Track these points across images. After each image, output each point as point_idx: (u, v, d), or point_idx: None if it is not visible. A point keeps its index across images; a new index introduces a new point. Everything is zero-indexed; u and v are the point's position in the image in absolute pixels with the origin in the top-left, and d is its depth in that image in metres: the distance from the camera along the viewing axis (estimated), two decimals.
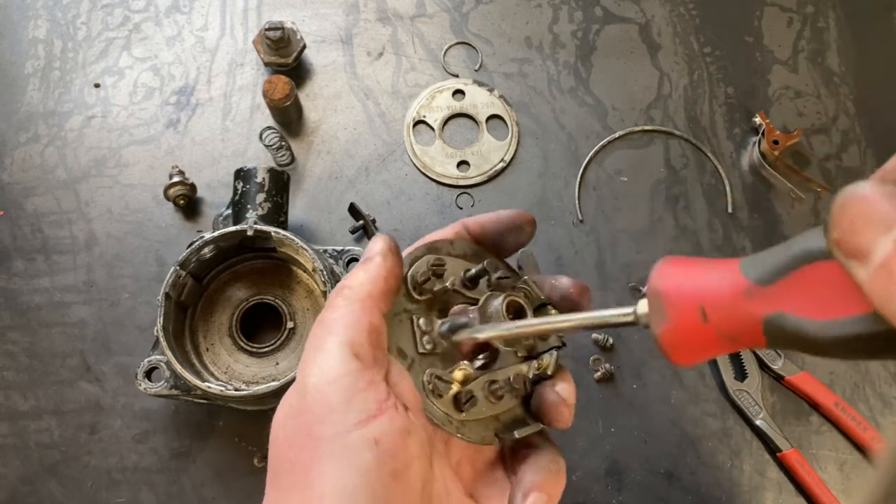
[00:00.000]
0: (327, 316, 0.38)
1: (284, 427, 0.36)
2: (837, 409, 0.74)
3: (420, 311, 0.43)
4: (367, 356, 0.36)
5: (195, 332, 0.73)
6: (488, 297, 0.42)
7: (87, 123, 0.84)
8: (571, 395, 0.43)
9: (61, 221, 0.80)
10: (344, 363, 0.35)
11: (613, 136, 0.85)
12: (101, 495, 0.71)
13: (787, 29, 0.91)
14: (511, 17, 0.90)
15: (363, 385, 0.35)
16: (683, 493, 0.73)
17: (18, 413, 0.73)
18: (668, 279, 0.32)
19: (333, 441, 0.33)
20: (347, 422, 0.34)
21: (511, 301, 0.41)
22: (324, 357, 0.36)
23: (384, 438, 0.34)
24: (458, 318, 0.42)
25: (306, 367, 0.36)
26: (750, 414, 0.74)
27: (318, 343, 0.37)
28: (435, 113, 0.85)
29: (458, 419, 0.40)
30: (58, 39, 0.87)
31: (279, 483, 0.35)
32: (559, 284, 0.45)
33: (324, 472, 0.33)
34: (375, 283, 0.38)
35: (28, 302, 0.77)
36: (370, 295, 0.38)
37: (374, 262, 0.39)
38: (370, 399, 0.35)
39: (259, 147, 0.82)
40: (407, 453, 0.35)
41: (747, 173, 0.84)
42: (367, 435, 0.34)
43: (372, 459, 0.33)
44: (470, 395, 0.41)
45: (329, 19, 0.90)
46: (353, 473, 0.33)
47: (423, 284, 0.42)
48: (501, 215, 0.46)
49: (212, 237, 0.69)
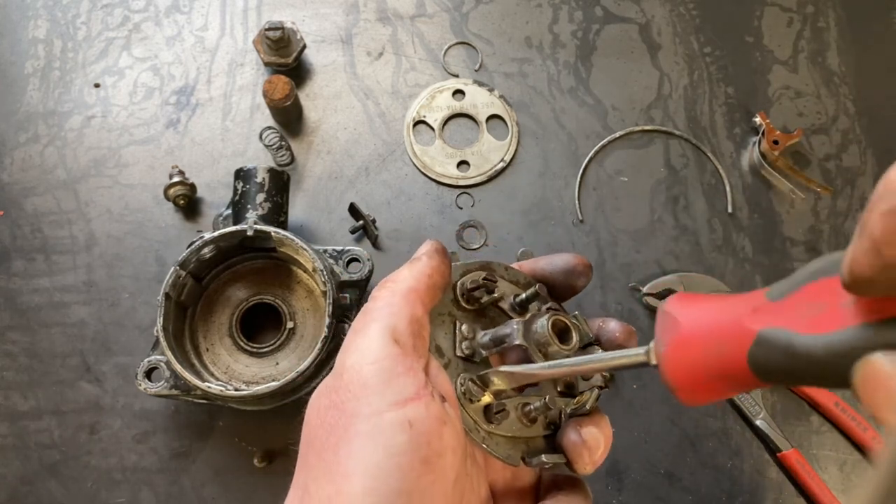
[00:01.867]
0: (370, 306, 0.38)
1: (318, 405, 0.35)
2: (837, 409, 0.74)
3: (465, 319, 0.43)
4: (407, 343, 0.36)
5: (195, 332, 0.73)
6: (535, 314, 0.41)
7: (86, 123, 0.84)
8: (597, 441, 0.41)
9: (61, 221, 0.80)
10: (384, 347, 0.35)
11: (613, 136, 0.85)
12: (101, 495, 0.71)
13: (787, 29, 0.91)
14: (511, 17, 0.90)
15: (402, 370, 0.35)
16: (683, 493, 0.73)
17: (18, 413, 0.73)
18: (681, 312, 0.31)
19: (367, 419, 0.33)
20: (383, 402, 0.33)
21: (557, 320, 0.40)
22: (363, 340, 0.36)
23: (419, 423, 0.33)
24: (501, 329, 0.41)
25: (346, 349, 0.36)
26: (750, 414, 0.74)
27: (359, 328, 0.37)
28: (435, 113, 0.85)
29: (486, 429, 0.40)
30: (58, 39, 0.87)
31: (307, 461, 0.34)
32: (606, 327, 0.44)
33: (352, 450, 0.32)
34: (419, 278, 0.39)
35: (28, 302, 0.77)
36: (413, 289, 0.38)
37: (420, 260, 0.40)
38: (408, 383, 0.34)
39: (259, 147, 0.82)
40: (441, 442, 0.34)
41: (747, 173, 0.84)
42: (401, 417, 0.33)
43: (405, 442, 0.32)
44: (502, 407, 0.40)
45: (329, 19, 0.90)
46: (383, 454, 0.32)
47: (471, 292, 0.42)
48: (555, 259, 0.46)
49: (212, 237, 0.69)
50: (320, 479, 0.33)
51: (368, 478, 0.31)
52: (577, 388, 0.45)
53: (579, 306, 0.78)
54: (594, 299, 0.79)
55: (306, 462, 0.35)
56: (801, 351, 0.24)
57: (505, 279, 0.45)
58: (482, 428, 0.40)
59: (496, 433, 0.40)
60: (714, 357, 0.29)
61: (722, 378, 0.29)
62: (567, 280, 0.45)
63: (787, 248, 0.82)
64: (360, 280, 0.71)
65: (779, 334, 0.26)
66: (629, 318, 0.78)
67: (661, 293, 0.78)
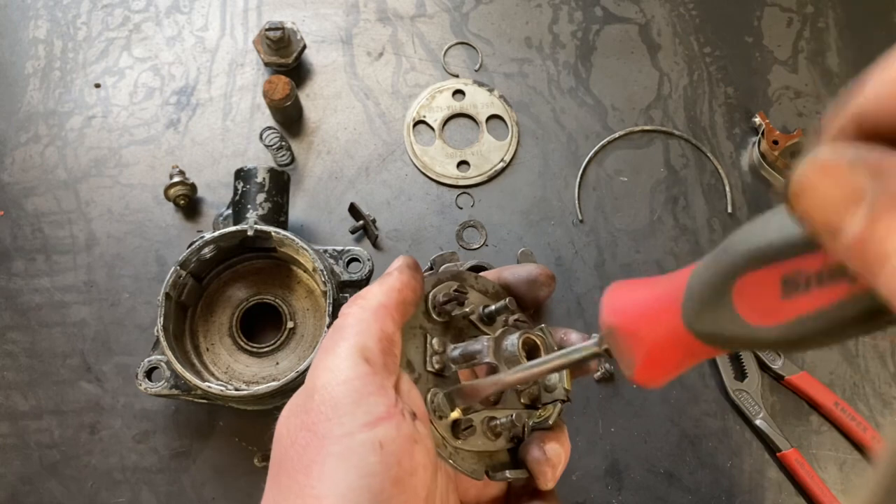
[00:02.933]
0: (339, 323, 0.38)
1: (288, 425, 0.36)
2: (837, 408, 0.74)
3: (436, 332, 0.43)
4: (377, 361, 0.36)
5: (195, 332, 0.73)
6: (505, 330, 0.42)
7: (87, 123, 0.84)
8: (559, 457, 0.42)
9: (61, 221, 0.80)
10: (354, 366, 0.35)
11: (613, 136, 0.85)
12: (101, 495, 0.71)
13: (787, 29, 0.91)
14: (511, 17, 0.90)
15: (373, 389, 0.35)
16: (683, 493, 0.73)
17: (18, 413, 0.73)
18: (612, 309, 0.32)
19: (339, 441, 0.33)
20: (354, 423, 0.33)
21: (528, 338, 0.41)
22: (333, 360, 0.36)
23: (390, 443, 0.33)
24: (471, 345, 0.42)
25: (315, 369, 0.36)
26: (750, 414, 0.74)
27: (329, 347, 0.37)
28: (435, 113, 0.85)
29: (454, 445, 0.40)
30: (58, 39, 0.87)
31: (278, 481, 0.35)
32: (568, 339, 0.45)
33: (325, 472, 0.32)
34: (389, 294, 0.39)
35: (28, 302, 0.77)
36: (383, 305, 0.38)
37: (391, 276, 0.40)
38: (379, 403, 0.34)
39: (259, 147, 0.82)
40: (412, 461, 0.34)
41: (747, 173, 0.84)
42: (373, 437, 0.33)
43: (376, 463, 0.33)
44: (469, 423, 0.40)
45: (329, 19, 0.90)
46: (355, 475, 0.32)
47: (443, 305, 0.42)
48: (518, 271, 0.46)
49: (212, 237, 0.69)
50: (292, 499, 0.33)
51: (340, 499, 0.32)
52: (541, 401, 0.45)
53: (579, 305, 0.78)
54: (594, 299, 0.79)
55: (278, 482, 0.35)
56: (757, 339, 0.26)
57: (475, 289, 0.45)
58: (450, 444, 0.40)
59: (463, 448, 0.41)
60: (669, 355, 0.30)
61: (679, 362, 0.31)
62: (530, 291, 0.46)
63: None
64: (360, 280, 0.71)
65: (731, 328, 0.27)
66: None
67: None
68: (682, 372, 0.32)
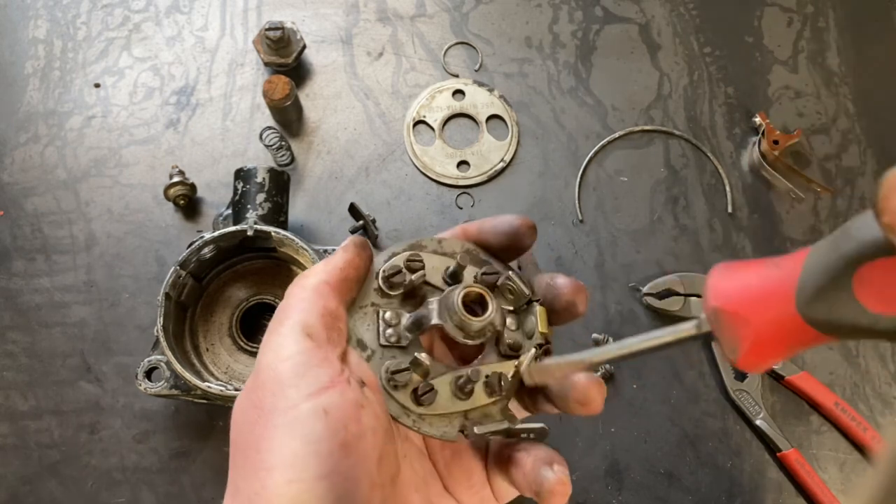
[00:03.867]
0: (283, 304, 0.39)
1: (240, 406, 0.37)
2: (837, 409, 0.74)
3: (391, 306, 0.42)
4: (319, 336, 0.37)
5: (195, 332, 0.73)
6: (451, 289, 0.41)
7: (87, 123, 0.84)
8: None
9: (61, 221, 0.80)
10: (296, 343, 0.36)
11: (613, 136, 0.85)
12: (101, 495, 0.71)
13: (787, 29, 0.91)
14: (511, 17, 0.90)
15: (316, 362, 0.35)
16: (683, 493, 0.73)
17: (18, 413, 0.73)
18: (719, 292, 0.31)
19: (284, 413, 0.34)
20: (299, 394, 0.34)
21: (470, 290, 0.41)
22: (277, 339, 0.36)
23: (335, 409, 0.34)
24: (420, 311, 0.42)
25: (262, 349, 0.37)
26: (750, 414, 0.74)
27: (274, 327, 0.37)
28: (435, 113, 0.85)
29: (417, 412, 0.40)
30: (58, 39, 0.87)
31: (235, 462, 0.36)
32: (554, 283, 0.45)
33: (273, 444, 0.33)
34: (331, 272, 0.39)
35: (28, 302, 0.77)
36: (325, 282, 0.39)
37: (335, 254, 0.41)
38: (322, 374, 0.35)
39: (259, 147, 0.82)
40: (359, 425, 0.35)
41: (747, 173, 0.84)
42: (316, 405, 0.34)
43: (322, 429, 0.33)
44: (429, 388, 0.40)
45: (329, 19, 0.90)
46: (301, 442, 0.33)
47: (391, 278, 0.42)
48: (498, 223, 0.46)
49: (212, 237, 0.69)
50: (248, 476, 0.34)
51: (288, 468, 0.32)
52: (524, 349, 0.44)
53: None
54: (594, 299, 0.79)
55: (234, 462, 0.36)
56: (878, 327, 0.26)
57: (437, 253, 0.44)
58: (413, 412, 0.40)
59: (428, 413, 0.40)
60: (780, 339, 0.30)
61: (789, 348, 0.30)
62: (513, 242, 0.45)
63: (788, 248, 0.82)
64: None
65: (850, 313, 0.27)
66: (629, 318, 0.78)
67: (661, 293, 0.78)
68: (787, 358, 0.31)
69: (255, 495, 0.33)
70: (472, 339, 0.41)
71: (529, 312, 0.45)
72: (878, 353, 0.78)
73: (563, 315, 0.45)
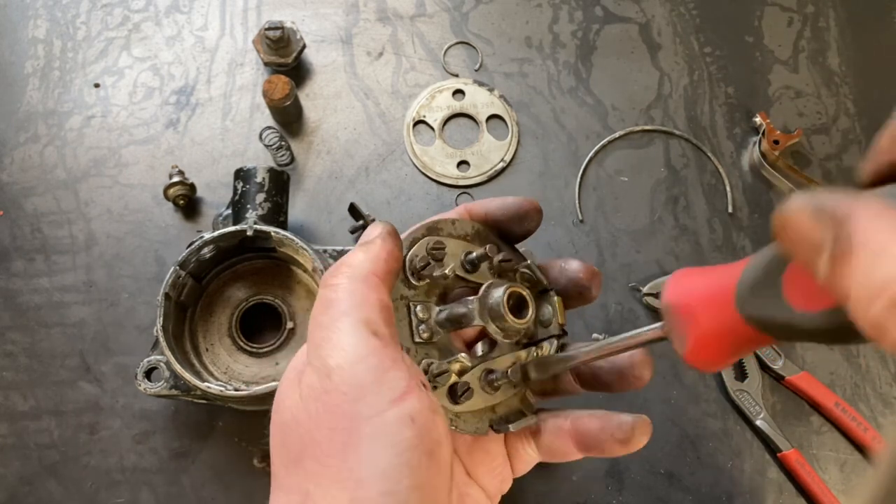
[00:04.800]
0: (330, 295, 0.36)
1: (307, 408, 0.34)
2: (838, 409, 0.73)
3: (418, 297, 0.41)
4: (384, 333, 0.35)
5: (195, 332, 0.73)
6: (489, 285, 0.40)
7: (86, 123, 0.84)
8: None
9: (61, 221, 0.80)
10: (365, 342, 0.34)
11: (613, 136, 0.85)
12: (101, 495, 0.71)
13: (788, 29, 0.91)
14: (511, 16, 0.90)
15: (389, 364, 0.34)
16: (683, 493, 0.73)
17: (18, 413, 0.73)
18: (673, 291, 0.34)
19: (370, 421, 0.32)
20: (382, 401, 0.32)
21: (513, 291, 0.40)
22: (341, 337, 0.34)
23: (419, 416, 0.33)
24: (457, 308, 0.41)
25: (321, 347, 0.34)
26: (750, 414, 0.74)
27: (329, 322, 0.35)
28: (435, 113, 0.85)
29: (454, 411, 0.40)
30: (57, 39, 0.87)
31: (303, 467, 0.33)
32: (568, 268, 0.44)
33: (361, 453, 0.32)
34: (377, 262, 0.37)
35: (28, 302, 0.77)
36: (374, 272, 0.37)
37: (375, 243, 0.38)
38: (399, 377, 0.34)
39: (259, 147, 0.82)
40: (438, 431, 0.34)
41: (747, 173, 0.84)
42: (402, 413, 0.32)
43: (412, 437, 0.32)
44: (466, 387, 0.40)
45: (329, 19, 0.90)
46: (392, 452, 0.31)
47: (421, 270, 0.41)
48: (507, 202, 0.45)
49: (212, 237, 0.69)
50: (327, 486, 0.32)
51: (382, 480, 0.31)
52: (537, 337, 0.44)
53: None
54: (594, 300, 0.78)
55: (303, 468, 0.33)
56: (800, 325, 0.27)
57: (453, 236, 0.44)
58: (450, 411, 0.39)
59: (463, 411, 0.40)
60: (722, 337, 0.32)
61: (735, 349, 0.32)
62: (519, 225, 0.45)
63: None
64: None
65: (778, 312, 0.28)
66: (629, 318, 0.78)
67: (660, 293, 0.77)
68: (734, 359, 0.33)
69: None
70: (510, 338, 0.41)
71: (545, 301, 0.45)
72: (878, 354, 0.77)
73: (576, 300, 0.45)
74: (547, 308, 0.45)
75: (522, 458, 0.45)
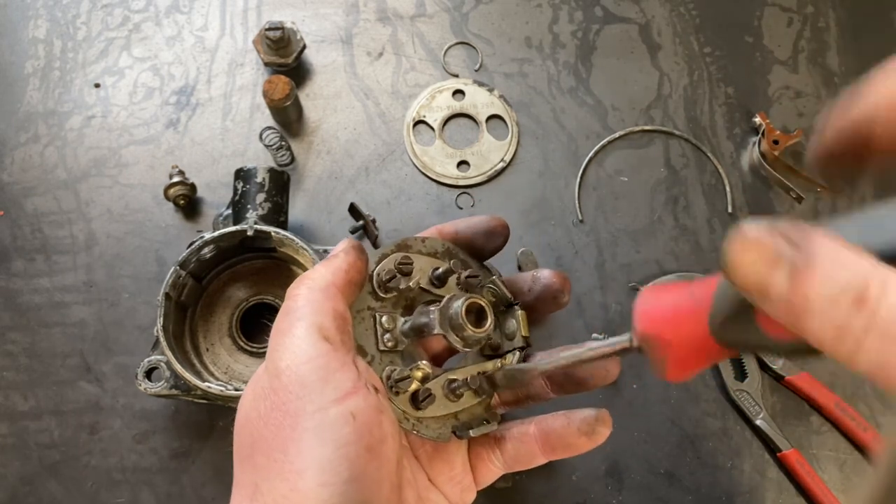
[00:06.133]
0: (290, 305, 0.39)
1: (257, 406, 0.36)
2: (838, 409, 0.74)
3: (385, 309, 0.43)
4: (335, 339, 0.37)
5: (195, 332, 0.73)
6: (451, 297, 0.42)
7: (86, 123, 0.84)
8: None
9: (61, 221, 0.80)
10: (315, 345, 0.36)
11: (613, 136, 0.85)
12: (101, 495, 0.71)
13: (787, 29, 0.91)
14: (511, 17, 0.90)
15: (336, 365, 0.36)
16: (683, 493, 0.73)
17: (18, 413, 0.73)
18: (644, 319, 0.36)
19: (312, 417, 0.34)
20: (325, 399, 0.35)
21: (472, 302, 0.42)
22: (293, 341, 0.37)
23: (360, 414, 0.35)
24: (419, 318, 0.43)
25: (275, 350, 0.37)
26: (750, 414, 0.74)
27: (286, 328, 0.38)
28: (435, 113, 0.85)
29: (415, 416, 0.41)
30: (58, 39, 0.87)
31: (253, 462, 0.36)
32: (540, 276, 0.47)
33: (302, 447, 0.34)
34: (336, 274, 0.40)
35: (28, 302, 0.77)
36: (332, 283, 0.39)
37: (337, 257, 0.41)
38: (345, 378, 0.36)
39: (259, 147, 0.82)
40: (381, 430, 0.36)
41: (747, 173, 0.84)
42: (344, 410, 0.34)
43: (350, 433, 0.34)
44: (428, 393, 0.41)
45: (329, 19, 0.90)
46: (332, 446, 0.33)
47: (388, 283, 0.43)
48: (474, 220, 0.48)
49: (212, 237, 0.69)
50: (272, 478, 0.34)
51: (320, 472, 0.33)
52: (502, 349, 0.46)
53: (579, 305, 0.78)
54: (594, 299, 0.79)
55: (253, 463, 0.36)
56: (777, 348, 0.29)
57: (422, 253, 0.46)
58: (411, 416, 0.41)
59: (425, 416, 0.42)
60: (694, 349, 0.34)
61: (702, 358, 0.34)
62: (487, 241, 0.48)
63: None
64: None
65: None
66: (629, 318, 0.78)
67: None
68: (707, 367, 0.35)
69: (284, 498, 0.33)
70: (470, 347, 0.43)
71: (510, 315, 0.47)
72: None
73: (550, 305, 0.47)
74: (512, 322, 0.47)
75: (487, 468, 0.47)
